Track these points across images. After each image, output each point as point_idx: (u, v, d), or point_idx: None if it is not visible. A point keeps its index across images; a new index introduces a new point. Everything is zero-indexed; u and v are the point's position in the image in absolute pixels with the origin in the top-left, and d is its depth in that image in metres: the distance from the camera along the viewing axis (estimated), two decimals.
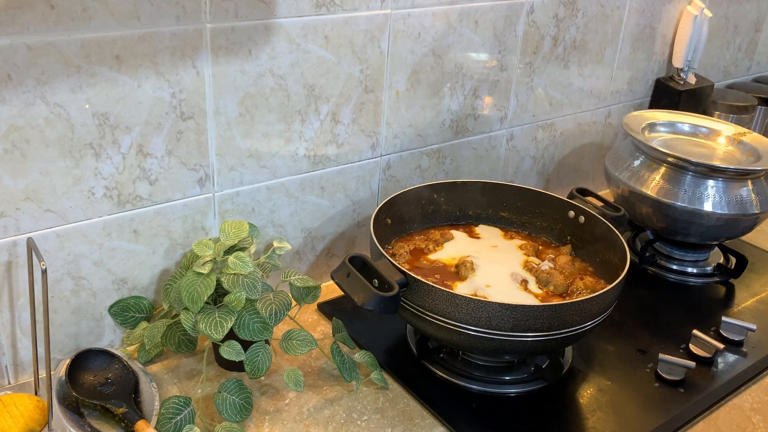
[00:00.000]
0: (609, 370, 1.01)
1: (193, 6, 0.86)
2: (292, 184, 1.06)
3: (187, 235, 0.99)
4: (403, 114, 1.15)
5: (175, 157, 0.93)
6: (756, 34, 1.83)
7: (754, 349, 1.07)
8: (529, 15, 1.24)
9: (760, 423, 0.94)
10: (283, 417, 0.89)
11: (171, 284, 0.94)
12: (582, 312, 0.87)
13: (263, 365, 0.90)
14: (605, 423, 0.91)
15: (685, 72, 1.57)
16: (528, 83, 1.32)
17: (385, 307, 0.83)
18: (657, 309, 1.17)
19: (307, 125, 1.04)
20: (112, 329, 0.97)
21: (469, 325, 0.85)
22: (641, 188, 1.23)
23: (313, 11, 0.97)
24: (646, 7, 1.45)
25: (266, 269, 0.97)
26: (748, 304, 1.20)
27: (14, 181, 0.82)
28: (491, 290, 0.96)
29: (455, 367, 0.98)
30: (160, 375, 0.95)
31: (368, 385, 0.95)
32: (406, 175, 1.21)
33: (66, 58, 0.79)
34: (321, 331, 1.07)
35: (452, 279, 1.00)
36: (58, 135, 0.82)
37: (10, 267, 0.85)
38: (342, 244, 1.18)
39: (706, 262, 1.31)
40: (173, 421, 0.82)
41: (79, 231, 0.89)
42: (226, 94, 0.94)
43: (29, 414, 0.82)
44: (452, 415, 0.90)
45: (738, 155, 1.30)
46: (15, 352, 0.90)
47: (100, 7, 0.80)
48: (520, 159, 1.40)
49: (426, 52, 1.13)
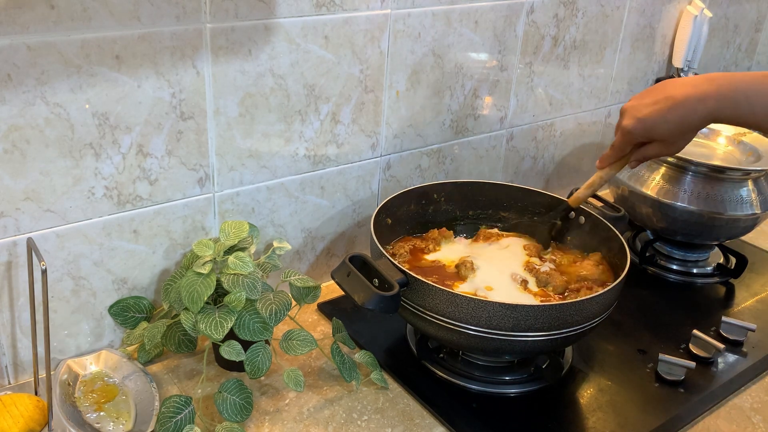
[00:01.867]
0: (609, 370, 1.01)
1: (193, 6, 0.86)
2: (292, 184, 1.06)
3: (187, 235, 0.99)
4: (403, 114, 1.15)
5: (175, 157, 0.93)
6: (756, 34, 1.83)
7: (754, 349, 1.08)
8: (529, 15, 1.24)
9: (760, 423, 0.94)
10: (283, 417, 0.89)
11: (171, 284, 0.94)
12: (582, 312, 0.87)
13: (263, 365, 0.90)
14: (605, 423, 0.91)
15: (685, 72, 1.58)
16: (528, 83, 1.32)
17: (385, 306, 0.83)
18: (657, 309, 1.17)
19: (307, 125, 1.04)
20: (112, 329, 0.97)
21: (469, 325, 0.85)
22: (641, 188, 1.23)
23: (313, 11, 0.97)
24: (646, 7, 1.45)
25: (266, 269, 0.97)
26: (748, 304, 1.20)
27: (14, 181, 0.82)
28: (492, 292, 0.97)
29: (455, 367, 0.98)
30: (160, 375, 0.95)
31: (368, 385, 0.95)
32: (406, 175, 1.21)
33: (66, 58, 0.79)
34: (321, 331, 1.06)
35: (452, 279, 1.00)
36: (58, 135, 0.82)
37: (10, 267, 0.85)
38: (342, 244, 1.18)
39: (706, 262, 1.31)
40: (173, 421, 0.82)
41: (79, 231, 0.88)
42: (226, 94, 0.94)
43: (29, 414, 0.82)
44: (452, 415, 0.90)
45: (738, 155, 1.30)
46: (15, 352, 0.90)
47: (100, 7, 0.80)
48: (520, 159, 1.40)
49: (426, 52, 1.13)
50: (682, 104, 0.86)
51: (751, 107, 0.82)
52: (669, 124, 0.87)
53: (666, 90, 0.87)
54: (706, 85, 0.85)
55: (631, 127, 0.88)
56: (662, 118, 0.87)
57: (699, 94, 0.85)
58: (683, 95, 0.85)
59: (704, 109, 0.85)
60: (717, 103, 0.84)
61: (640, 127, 0.88)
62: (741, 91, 0.82)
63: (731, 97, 0.83)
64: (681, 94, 0.86)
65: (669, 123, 0.87)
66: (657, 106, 0.87)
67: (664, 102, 0.86)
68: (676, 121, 0.86)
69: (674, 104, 0.86)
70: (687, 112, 0.85)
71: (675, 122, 0.86)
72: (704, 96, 0.84)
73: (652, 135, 0.89)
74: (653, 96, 0.88)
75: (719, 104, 0.84)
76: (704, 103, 0.85)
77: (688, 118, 0.86)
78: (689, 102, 0.85)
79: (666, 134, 0.88)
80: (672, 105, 0.86)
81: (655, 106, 0.87)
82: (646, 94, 0.89)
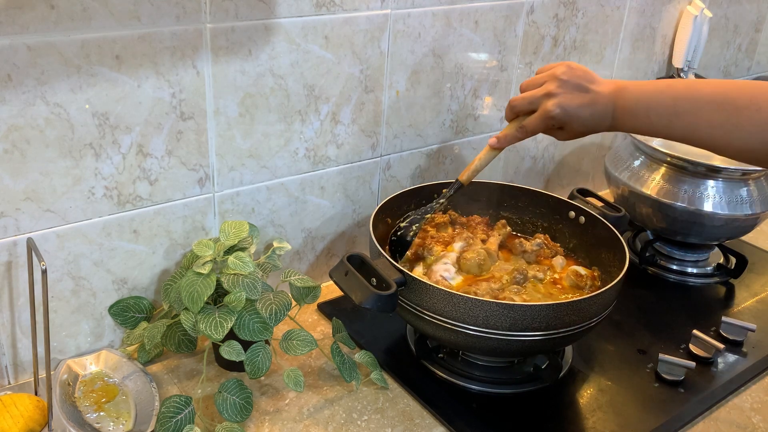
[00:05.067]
0: (609, 370, 1.01)
1: (193, 6, 0.86)
2: (292, 184, 1.06)
3: (187, 235, 0.99)
4: (403, 114, 1.15)
5: (175, 157, 0.93)
6: (756, 34, 1.83)
7: (754, 349, 1.07)
8: (529, 15, 1.24)
9: (760, 423, 0.94)
10: (283, 417, 0.89)
11: (171, 284, 0.94)
12: (580, 311, 0.87)
13: (263, 365, 0.90)
14: (605, 423, 0.91)
15: (685, 72, 1.57)
16: None
17: (382, 305, 0.83)
18: (657, 309, 1.17)
19: (307, 125, 1.04)
20: (112, 329, 0.97)
21: (467, 324, 0.85)
22: (641, 188, 1.23)
23: (313, 11, 0.97)
24: (646, 7, 1.45)
25: (266, 269, 0.97)
26: (748, 304, 1.20)
27: (14, 181, 0.82)
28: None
29: (455, 367, 0.98)
30: (160, 375, 0.95)
31: (368, 385, 0.95)
32: (406, 175, 1.21)
33: (66, 58, 0.80)
34: (321, 331, 1.07)
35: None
36: (58, 135, 0.82)
37: (10, 267, 0.85)
38: (342, 244, 1.18)
39: (706, 262, 1.31)
40: (173, 421, 0.82)
41: (79, 231, 0.89)
42: (226, 94, 0.94)
43: (29, 414, 0.82)
44: (452, 415, 0.90)
45: None
46: (15, 352, 0.90)
47: (100, 7, 0.80)
48: (520, 159, 1.40)
49: (426, 52, 1.13)
50: (599, 112, 0.88)
51: (650, 124, 0.85)
52: (585, 125, 0.90)
53: (592, 88, 0.89)
54: (617, 99, 0.88)
55: (553, 114, 0.90)
56: (583, 118, 0.89)
57: (610, 107, 0.88)
58: (603, 103, 0.88)
59: (611, 119, 0.89)
60: (622, 117, 0.88)
61: (561, 116, 0.90)
62: (641, 107, 0.85)
63: (632, 109, 0.86)
64: (602, 101, 0.88)
65: (585, 125, 0.90)
66: (583, 106, 0.89)
67: (590, 103, 0.88)
68: (589, 123, 0.90)
69: (594, 110, 0.88)
70: (599, 120, 0.89)
71: (589, 124, 0.90)
72: (613, 109, 0.88)
73: (565, 126, 0.91)
74: (581, 89, 0.89)
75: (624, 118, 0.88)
76: (612, 114, 0.88)
77: (598, 125, 0.90)
78: (605, 109, 0.88)
79: (574, 130, 0.91)
80: (593, 110, 0.88)
81: (582, 104, 0.89)
82: (575, 84, 0.89)
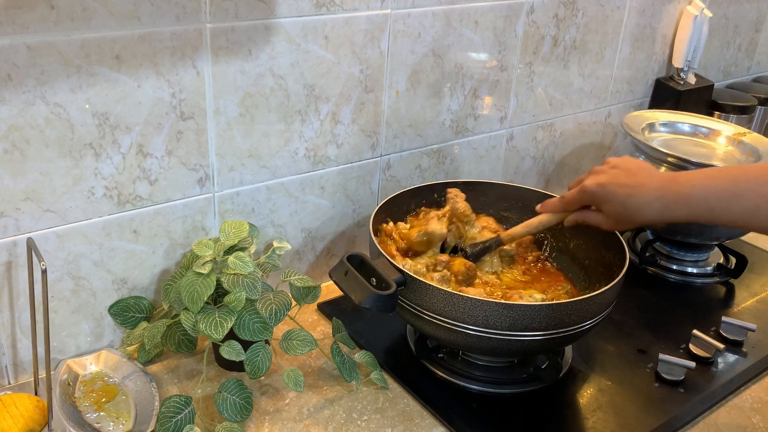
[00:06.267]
0: (609, 370, 1.01)
1: (193, 6, 0.86)
2: (292, 184, 1.06)
3: (187, 235, 0.99)
4: (403, 114, 1.15)
5: (175, 157, 0.93)
6: (756, 34, 1.83)
7: (754, 349, 1.07)
8: (529, 15, 1.24)
9: (760, 423, 0.94)
10: (283, 417, 0.89)
11: (171, 284, 0.94)
12: (580, 311, 0.87)
13: (263, 365, 0.90)
14: (605, 423, 0.91)
15: (685, 72, 1.57)
16: (528, 83, 1.32)
17: (382, 305, 0.83)
18: (657, 309, 1.17)
19: (307, 125, 1.04)
20: (112, 329, 0.97)
21: (467, 324, 0.85)
22: None
23: (313, 11, 0.97)
24: (646, 7, 1.45)
25: (266, 269, 0.97)
26: (748, 304, 1.20)
27: (14, 181, 0.82)
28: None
29: (455, 367, 0.98)
30: (160, 375, 0.95)
31: (368, 385, 0.95)
32: (406, 175, 1.21)
33: (66, 58, 0.80)
34: (321, 331, 1.07)
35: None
36: (58, 135, 0.82)
37: (10, 267, 0.85)
38: (342, 244, 1.18)
39: (706, 262, 1.31)
40: (173, 421, 0.82)
41: (79, 231, 0.89)
42: (226, 94, 0.94)
43: (29, 414, 0.82)
44: (452, 415, 0.90)
45: (738, 155, 1.30)
46: (15, 352, 0.90)
47: (100, 7, 0.80)
48: (520, 159, 1.40)
49: (426, 52, 1.13)
50: (643, 198, 0.85)
51: (709, 209, 0.82)
52: (624, 208, 0.87)
53: (639, 176, 0.87)
54: (668, 186, 0.84)
55: (592, 191, 0.88)
56: (621, 199, 0.87)
57: (657, 194, 0.85)
58: (649, 193, 0.85)
59: (659, 207, 0.85)
60: (674, 205, 0.84)
61: (598, 194, 0.88)
62: (697, 192, 0.82)
63: (687, 195, 0.83)
64: (649, 187, 0.85)
65: (625, 208, 0.87)
66: (625, 188, 0.87)
67: (632, 187, 0.86)
68: (631, 208, 0.86)
69: (637, 195, 0.86)
70: (642, 207, 0.85)
71: (630, 209, 0.87)
72: (662, 196, 0.84)
73: (603, 207, 0.89)
74: (628, 175, 0.88)
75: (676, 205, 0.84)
76: (661, 201, 0.85)
77: (642, 211, 0.86)
78: (652, 196, 0.85)
79: (614, 214, 0.88)
80: (635, 194, 0.86)
81: (624, 186, 0.87)
82: (624, 171, 0.88)
